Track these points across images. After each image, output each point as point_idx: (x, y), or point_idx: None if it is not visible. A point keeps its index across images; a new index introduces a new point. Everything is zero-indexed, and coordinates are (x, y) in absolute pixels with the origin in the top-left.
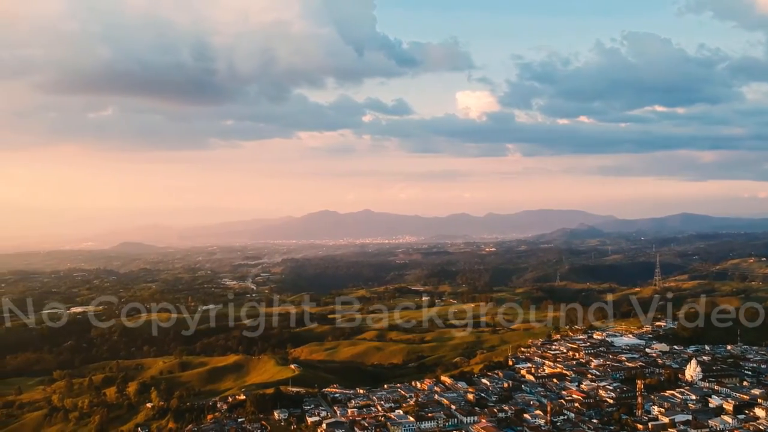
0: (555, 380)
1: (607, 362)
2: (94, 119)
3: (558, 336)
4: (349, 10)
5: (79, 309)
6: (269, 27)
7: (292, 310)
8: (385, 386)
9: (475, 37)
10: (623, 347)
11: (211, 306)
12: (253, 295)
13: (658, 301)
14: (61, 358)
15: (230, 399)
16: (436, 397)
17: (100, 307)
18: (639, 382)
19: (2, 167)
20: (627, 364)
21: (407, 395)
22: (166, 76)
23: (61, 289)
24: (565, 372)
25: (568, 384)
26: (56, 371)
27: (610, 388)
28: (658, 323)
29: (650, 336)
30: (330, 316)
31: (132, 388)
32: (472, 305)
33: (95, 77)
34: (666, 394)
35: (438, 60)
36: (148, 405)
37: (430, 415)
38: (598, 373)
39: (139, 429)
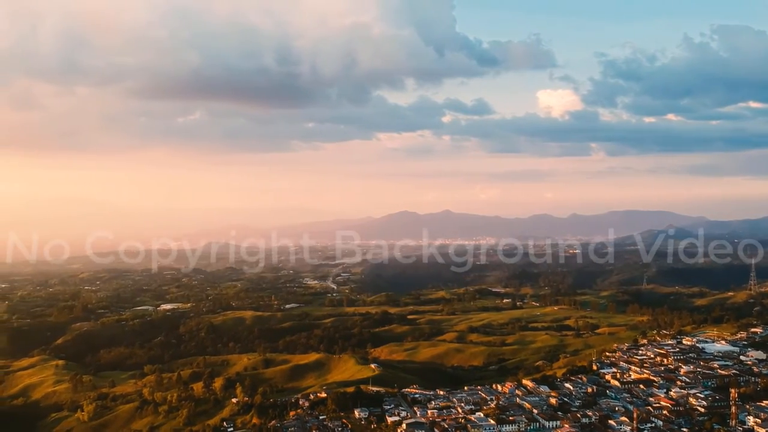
0: (642, 386)
1: (698, 369)
2: (182, 123)
3: (645, 341)
4: (428, 11)
5: (168, 306)
6: (350, 30)
7: (372, 310)
8: (466, 388)
9: (557, 35)
10: (715, 354)
11: (293, 305)
12: (334, 294)
13: (753, 306)
14: (152, 353)
15: (312, 396)
16: (517, 400)
17: (188, 305)
18: (733, 390)
19: (97, 169)
20: (719, 371)
21: (488, 398)
22: (251, 81)
23: (152, 287)
24: (652, 378)
25: (655, 390)
26: (147, 366)
27: (701, 396)
28: (753, 329)
29: (745, 343)
30: (409, 317)
31: (218, 383)
32: (555, 308)
33: (184, 83)
34: (762, 404)
35: (519, 59)
36: (233, 400)
37: (511, 418)
38: (688, 380)
39: (224, 423)
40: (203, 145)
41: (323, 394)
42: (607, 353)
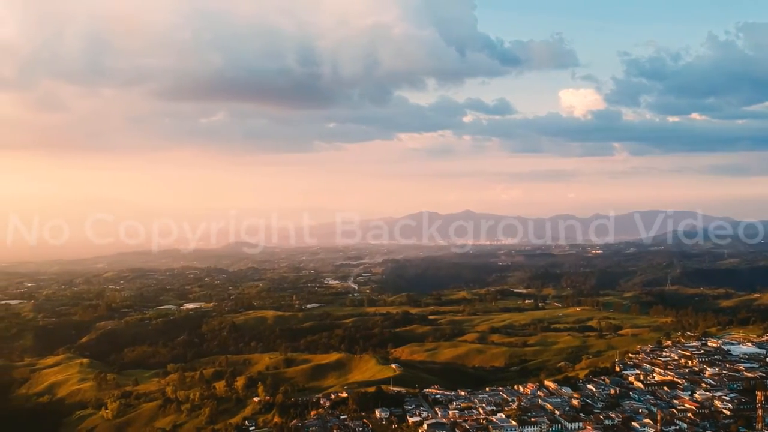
0: (666, 388)
1: (723, 371)
2: (205, 124)
3: (669, 342)
4: (449, 11)
5: (191, 305)
6: (371, 30)
7: (393, 310)
8: (487, 389)
9: (579, 35)
10: (741, 356)
11: (314, 305)
12: (355, 294)
13: None
14: (175, 352)
15: (333, 396)
16: (539, 401)
17: (210, 304)
18: (759, 393)
19: (121, 170)
20: (745, 374)
21: (510, 399)
22: (273, 82)
23: (175, 286)
24: (676, 380)
25: (680, 393)
26: (170, 364)
27: (727, 398)
28: None
29: None
30: (431, 317)
31: (240, 382)
32: (578, 309)
33: (207, 84)
34: None
35: (541, 58)
36: (255, 399)
37: (533, 419)
38: (713, 382)
39: (246, 422)
40: (226, 146)
41: (344, 394)
42: (630, 355)
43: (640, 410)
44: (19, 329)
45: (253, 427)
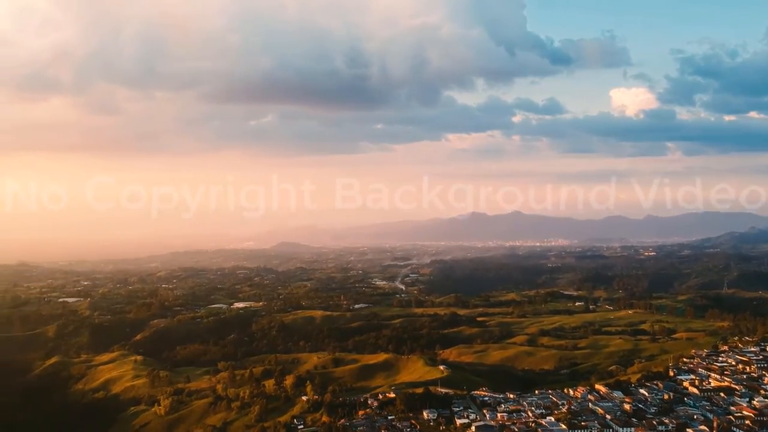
0: (722, 394)
1: None
2: (254, 126)
3: (725, 347)
4: (498, 11)
5: (241, 305)
6: (419, 30)
7: (441, 311)
8: (536, 392)
9: (631, 33)
10: None
11: (362, 305)
12: (403, 295)
13: None
14: (225, 350)
15: (381, 396)
16: (589, 405)
17: (260, 304)
18: None
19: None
20: None
21: (559, 402)
22: (321, 83)
23: (225, 286)
24: (733, 386)
25: (737, 399)
26: (220, 362)
27: None
28: None
29: None
30: (479, 319)
31: (289, 381)
32: (630, 312)
33: (256, 87)
34: None
35: (592, 57)
36: (304, 398)
37: (583, 423)
38: None
39: (295, 421)
40: (275, 148)
41: (392, 395)
42: (685, 359)
43: (695, 416)
44: (76, 326)
45: (302, 426)
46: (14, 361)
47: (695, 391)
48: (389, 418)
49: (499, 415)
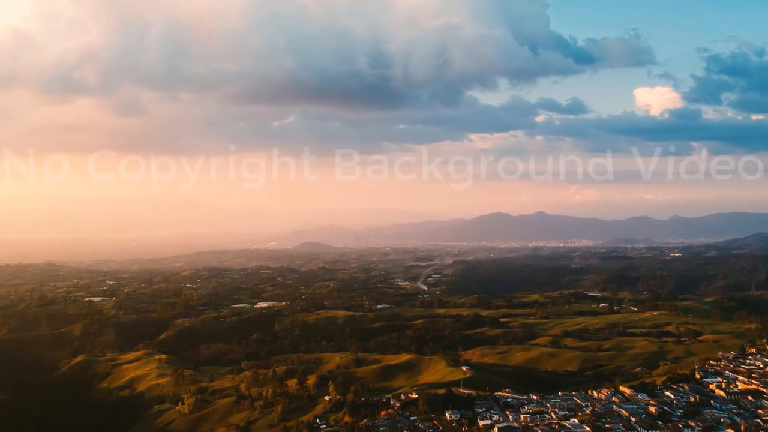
0: (750, 398)
1: None
2: (277, 127)
3: (753, 350)
4: (521, 10)
5: (264, 304)
6: (441, 31)
7: (463, 312)
8: (560, 393)
9: (655, 31)
10: None
11: (384, 305)
12: (425, 296)
13: None
14: (248, 349)
15: (403, 397)
16: (614, 407)
17: (283, 304)
18: None
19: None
20: None
21: (583, 404)
22: (344, 84)
23: (249, 285)
24: (762, 389)
25: (765, 403)
26: (244, 362)
27: None
28: None
29: None
30: (502, 320)
31: (311, 381)
32: (655, 313)
33: (279, 88)
34: None
35: (616, 56)
36: (326, 398)
37: (607, 426)
38: None
39: (317, 420)
40: (296, 148)
41: (414, 395)
42: (711, 362)
43: (722, 419)
44: (101, 325)
45: (324, 426)
46: (42, 358)
47: (722, 393)
48: (411, 418)
49: (522, 416)
